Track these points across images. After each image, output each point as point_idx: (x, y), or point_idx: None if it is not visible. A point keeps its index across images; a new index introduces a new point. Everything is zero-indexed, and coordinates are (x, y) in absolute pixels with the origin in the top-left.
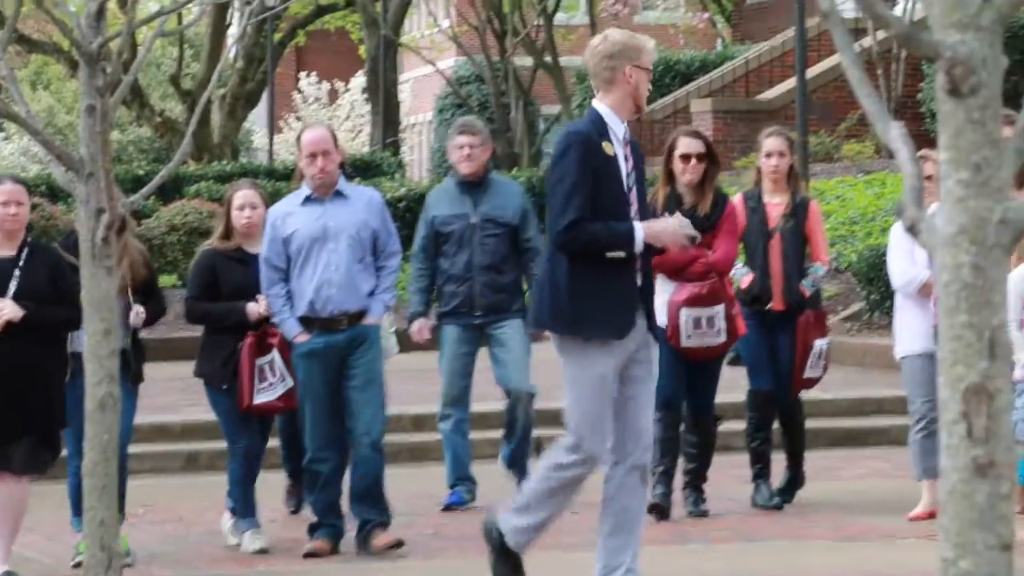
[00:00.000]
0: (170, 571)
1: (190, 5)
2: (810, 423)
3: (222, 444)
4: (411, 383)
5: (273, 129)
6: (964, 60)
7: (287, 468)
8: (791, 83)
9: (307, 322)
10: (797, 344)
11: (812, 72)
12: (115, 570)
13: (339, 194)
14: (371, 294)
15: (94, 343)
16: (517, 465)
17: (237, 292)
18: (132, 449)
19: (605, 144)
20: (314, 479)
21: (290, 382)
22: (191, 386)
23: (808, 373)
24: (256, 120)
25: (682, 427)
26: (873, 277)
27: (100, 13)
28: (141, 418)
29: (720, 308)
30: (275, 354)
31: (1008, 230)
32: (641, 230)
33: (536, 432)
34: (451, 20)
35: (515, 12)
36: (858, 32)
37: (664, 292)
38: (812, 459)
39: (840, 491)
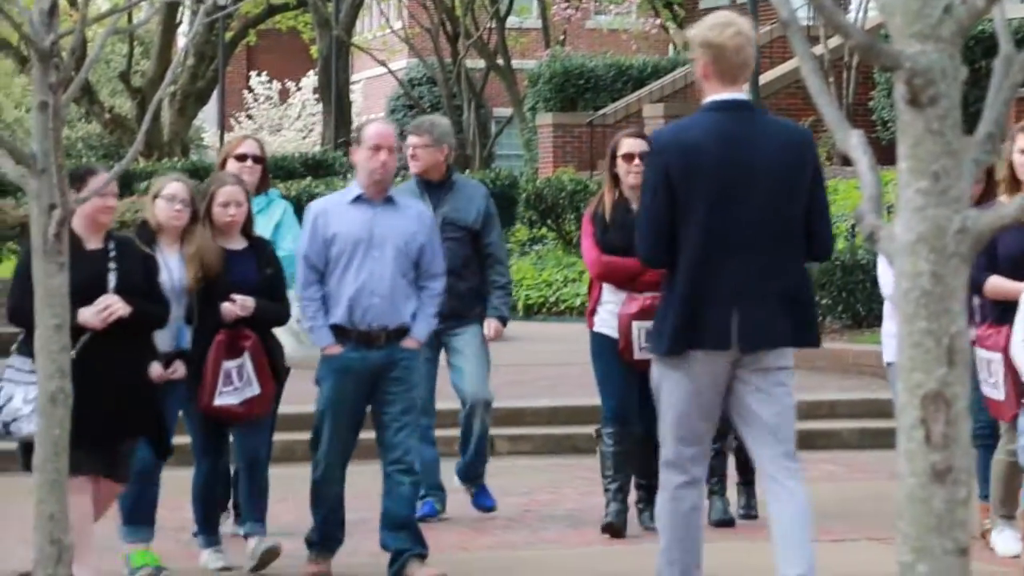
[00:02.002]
0: None
1: (142, 3)
2: None
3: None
4: None
5: (224, 127)
6: (924, 71)
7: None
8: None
9: (341, 332)
10: None
11: (765, 78)
12: (65, 564)
13: (390, 200)
14: (412, 315)
15: (46, 338)
16: (471, 478)
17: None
18: None
19: None
20: (326, 495)
21: (257, 389)
22: None
23: None
24: (206, 118)
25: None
26: (825, 282)
27: (53, 10)
28: None
29: None
30: (246, 358)
31: (967, 239)
32: None
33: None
34: (403, 22)
35: (467, 15)
36: (811, 39)
37: (613, 303)
38: None
39: None
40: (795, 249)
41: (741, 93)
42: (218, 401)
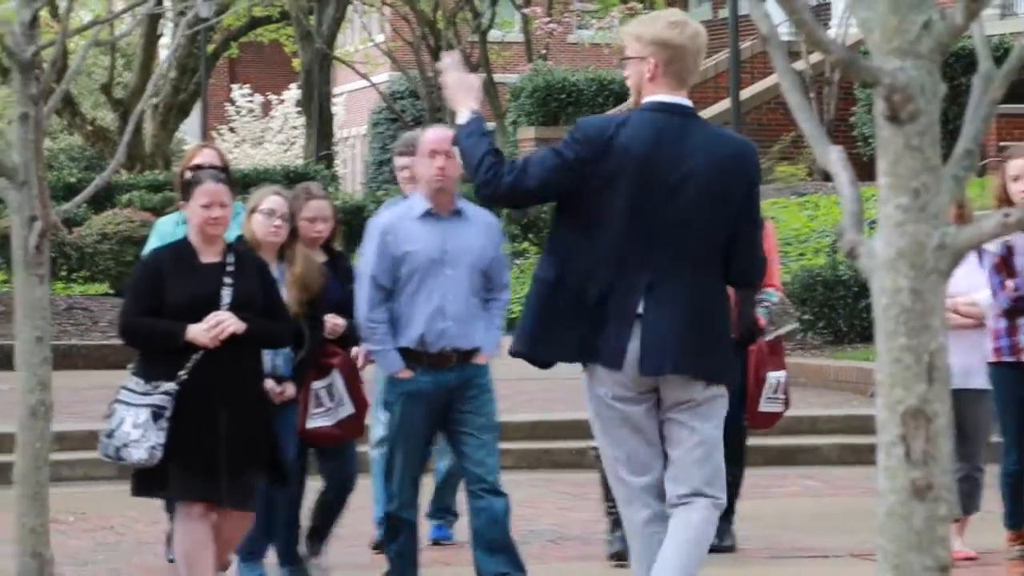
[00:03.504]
0: None
1: (123, 15)
2: None
3: None
4: None
5: (205, 140)
6: (903, 87)
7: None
8: (725, 104)
9: (411, 356)
10: (748, 376)
11: (746, 93)
12: None
13: (458, 212)
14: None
15: (26, 351)
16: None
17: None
18: (63, 456)
19: None
20: (399, 526)
21: (351, 408)
22: None
23: (765, 407)
24: (188, 130)
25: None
26: (806, 298)
27: (34, 21)
28: (73, 425)
29: None
30: (335, 376)
31: (946, 255)
32: None
33: None
34: (385, 35)
35: (449, 28)
36: (792, 55)
37: None
38: (745, 477)
39: (772, 509)
40: (714, 268)
41: (686, 99)
42: (311, 424)
